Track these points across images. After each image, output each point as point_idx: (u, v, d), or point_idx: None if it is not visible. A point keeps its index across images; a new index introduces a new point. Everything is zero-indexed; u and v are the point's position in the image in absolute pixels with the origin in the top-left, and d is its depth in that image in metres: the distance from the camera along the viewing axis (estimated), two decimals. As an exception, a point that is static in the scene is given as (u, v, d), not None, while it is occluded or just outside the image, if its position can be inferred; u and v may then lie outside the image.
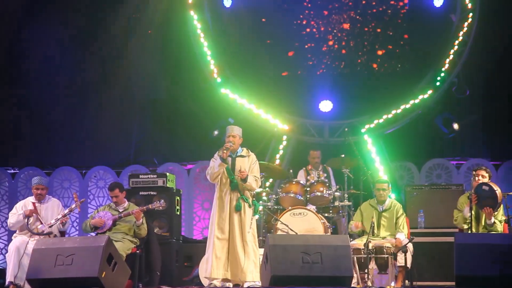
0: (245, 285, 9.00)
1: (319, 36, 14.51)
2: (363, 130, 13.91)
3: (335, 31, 14.48)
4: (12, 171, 14.40)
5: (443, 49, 13.91)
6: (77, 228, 13.76)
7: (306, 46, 14.55)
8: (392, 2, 14.39)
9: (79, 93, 14.65)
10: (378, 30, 14.41)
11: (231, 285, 9.12)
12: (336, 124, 14.20)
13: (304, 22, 14.53)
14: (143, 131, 14.95)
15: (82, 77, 14.65)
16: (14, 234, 10.14)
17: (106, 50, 14.62)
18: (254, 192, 9.47)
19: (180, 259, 11.42)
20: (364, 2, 14.42)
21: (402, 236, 9.88)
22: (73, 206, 10.12)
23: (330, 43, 14.48)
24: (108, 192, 10.28)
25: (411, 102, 13.88)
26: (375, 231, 9.93)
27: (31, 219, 9.94)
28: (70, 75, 14.61)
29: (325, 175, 11.50)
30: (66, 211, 10.08)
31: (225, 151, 9.19)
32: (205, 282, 9.65)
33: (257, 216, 9.45)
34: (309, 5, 14.52)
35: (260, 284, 8.85)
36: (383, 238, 9.93)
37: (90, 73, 14.66)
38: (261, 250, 9.40)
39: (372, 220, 9.80)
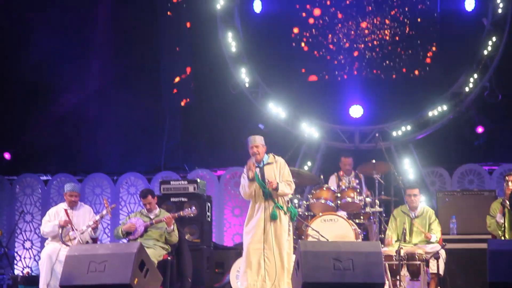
0: (280, 293, 8.97)
1: (349, 41, 14.46)
2: (394, 136, 13.84)
3: (365, 36, 14.42)
4: (45, 177, 14.53)
5: (475, 54, 13.79)
6: (109, 234, 13.84)
7: (336, 51, 14.51)
8: (423, 7, 14.30)
9: (110, 100, 14.75)
10: (409, 34, 14.33)
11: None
12: (367, 130, 14.13)
13: (335, 28, 14.49)
14: (174, 137, 15.01)
15: (113, 84, 14.76)
16: (46, 241, 10.20)
17: (136, 58, 14.70)
18: (288, 198, 9.41)
19: (211, 265, 11.44)
20: (395, 8, 14.35)
21: (434, 237, 9.81)
22: (104, 212, 10.17)
23: (361, 47, 14.43)
24: (140, 199, 10.32)
25: (442, 107, 13.77)
26: (407, 237, 9.87)
27: (65, 230, 10.00)
28: (101, 82, 14.72)
29: (357, 181, 11.44)
30: (97, 217, 10.13)
31: (250, 172, 9.15)
32: (236, 288, 9.66)
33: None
34: (340, 10, 14.48)
35: (291, 291, 8.82)
36: (415, 244, 9.86)
37: (120, 81, 14.76)
38: (292, 257, 9.39)
39: (404, 226, 9.74)
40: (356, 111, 14.27)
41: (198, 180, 11.65)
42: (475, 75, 13.71)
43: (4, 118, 14.57)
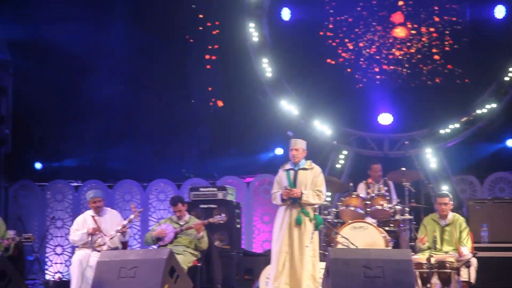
0: (304, 298, 8.98)
1: (379, 49, 14.44)
2: (423, 143, 13.78)
3: (396, 44, 14.39)
4: (75, 184, 14.65)
5: (506, 61, 13.69)
6: (139, 241, 13.91)
7: (366, 58, 14.49)
8: (452, 14, 14.24)
9: (140, 107, 14.85)
10: (439, 43, 14.28)
11: (291, 298, 9.10)
12: (396, 137, 14.10)
13: (364, 36, 14.48)
14: (203, 144, 15.07)
15: (142, 92, 14.85)
16: (77, 248, 10.28)
17: (165, 64, 14.79)
18: (316, 207, 9.43)
19: (241, 272, 11.46)
20: (425, 15, 14.30)
21: (466, 250, 9.75)
22: (132, 216, 10.24)
23: (390, 56, 14.39)
24: (171, 206, 10.36)
25: (473, 114, 13.70)
26: (438, 245, 9.80)
27: (94, 237, 10.07)
28: (131, 90, 14.82)
29: (386, 188, 11.40)
30: (126, 222, 10.20)
31: (285, 196, 9.18)
32: (266, 295, 9.67)
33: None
34: (370, 18, 14.47)
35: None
36: (446, 252, 9.80)
37: (150, 88, 14.85)
38: (322, 264, 9.38)
39: (434, 234, 9.68)
40: (385, 118, 14.24)
41: (228, 187, 11.69)
42: (506, 82, 13.60)
43: (35, 126, 14.73)
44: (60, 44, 14.38)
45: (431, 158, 13.68)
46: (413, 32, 14.36)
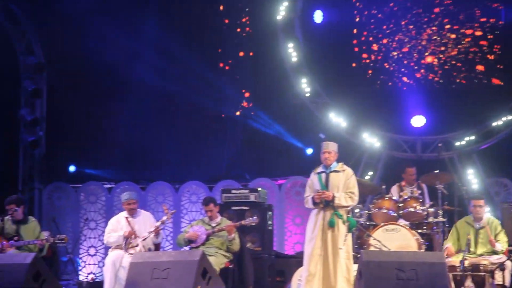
0: (338, 301, 8.95)
1: (411, 51, 14.36)
2: (457, 146, 13.67)
3: (428, 46, 14.31)
4: (109, 185, 14.75)
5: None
6: (171, 242, 13.97)
7: (398, 60, 14.42)
8: (486, 17, 14.12)
9: (173, 109, 14.91)
10: (472, 45, 14.16)
11: (324, 301, 9.08)
12: (429, 140, 14.02)
13: (397, 37, 14.41)
14: (235, 146, 15.10)
15: (176, 94, 14.92)
16: (110, 249, 10.34)
17: (198, 67, 14.84)
18: (349, 209, 9.40)
19: (273, 274, 11.46)
20: (458, 18, 14.19)
21: (499, 246, 9.65)
22: (164, 218, 10.26)
23: (424, 58, 14.31)
24: (203, 207, 10.39)
25: (507, 117, 13.56)
26: (472, 248, 9.71)
27: (128, 240, 10.12)
28: (163, 93, 14.90)
29: (419, 191, 11.33)
30: (158, 223, 10.23)
31: (317, 199, 9.17)
32: (298, 297, 9.66)
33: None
34: (402, 19, 14.39)
35: (353, 300, 8.79)
36: (480, 255, 9.71)
37: (183, 91, 14.91)
38: (355, 266, 9.34)
39: (468, 237, 9.60)
40: (418, 121, 14.16)
41: (259, 189, 11.69)
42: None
43: (69, 128, 14.86)
44: (94, 47, 14.51)
45: (464, 160, 13.57)
46: (447, 34, 14.25)
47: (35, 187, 14.75)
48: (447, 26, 14.25)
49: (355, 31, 14.61)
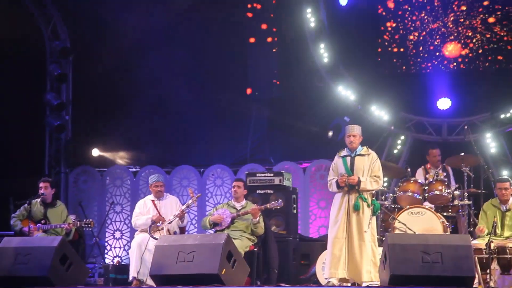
0: (363, 284, 8.94)
1: (437, 32, 14.24)
2: (483, 128, 13.57)
3: (454, 27, 14.17)
4: (134, 169, 14.83)
5: None
6: (196, 226, 14.03)
7: (423, 42, 14.31)
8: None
9: (197, 93, 14.93)
10: (499, 27, 14.00)
11: (349, 284, 9.08)
12: (455, 122, 13.93)
13: (423, 19, 14.28)
14: (259, 130, 15.10)
15: (199, 77, 14.94)
16: (136, 232, 10.41)
17: (223, 50, 14.84)
18: (373, 192, 9.38)
19: (297, 257, 11.46)
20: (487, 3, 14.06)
21: None
22: (190, 201, 10.28)
23: (449, 40, 14.18)
24: (234, 182, 10.40)
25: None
26: (498, 231, 9.65)
27: (154, 225, 10.17)
28: (188, 75, 14.91)
29: (444, 174, 11.25)
30: (184, 207, 10.26)
31: (342, 183, 9.15)
32: (323, 280, 9.66)
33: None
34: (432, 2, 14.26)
35: (378, 283, 8.77)
36: (506, 238, 9.65)
37: (206, 74, 14.93)
38: (379, 249, 9.33)
39: (495, 219, 9.54)
40: (444, 103, 14.05)
41: (284, 173, 11.69)
42: None
43: (95, 112, 14.95)
44: (119, 32, 14.54)
45: (491, 142, 13.49)
46: (473, 15, 14.09)
47: (61, 171, 14.87)
48: (473, 9, 14.08)
49: (381, 10, 14.49)
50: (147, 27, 14.69)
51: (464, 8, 14.12)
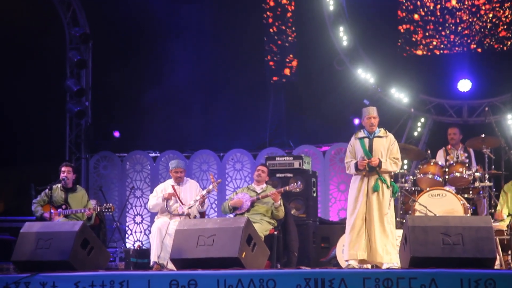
0: (383, 266, 8.93)
1: (457, 14, 14.12)
2: (504, 109, 13.47)
3: (475, 8, 14.04)
4: (154, 154, 14.87)
5: None
6: (216, 210, 14.06)
7: (443, 23, 14.20)
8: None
9: (216, 78, 14.94)
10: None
11: (369, 266, 9.07)
12: (476, 104, 13.84)
13: (443, 2, 14.17)
14: (278, 114, 15.08)
15: (219, 62, 14.94)
16: (156, 216, 10.44)
17: (240, 34, 14.82)
18: (393, 173, 9.35)
19: (317, 240, 11.47)
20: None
21: None
22: (211, 187, 10.28)
23: (470, 20, 14.05)
24: (259, 166, 10.41)
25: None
26: (519, 212, 9.61)
27: (170, 202, 10.20)
28: (207, 61, 14.91)
29: (466, 155, 11.19)
30: (204, 192, 10.26)
31: (362, 166, 9.12)
32: (343, 263, 9.65)
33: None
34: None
35: (398, 265, 8.76)
36: (528, 219, 9.61)
37: (225, 58, 14.92)
38: (399, 232, 9.31)
39: (515, 200, 9.50)
40: (464, 85, 13.94)
41: (304, 156, 11.67)
42: None
43: (114, 96, 14.99)
44: (139, 16, 14.56)
45: (512, 124, 13.40)
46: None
47: (82, 157, 14.96)
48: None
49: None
50: (166, 12, 14.69)
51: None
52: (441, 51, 14.31)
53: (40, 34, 14.14)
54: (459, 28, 14.14)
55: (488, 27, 14.02)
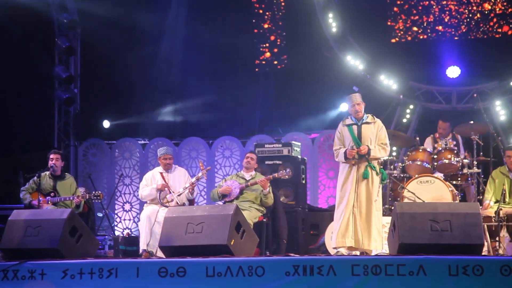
0: (372, 253, 8.96)
1: (447, 2, 14.12)
2: (493, 96, 13.49)
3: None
4: (142, 141, 14.84)
5: None
6: (205, 197, 14.06)
7: (432, 11, 14.20)
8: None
9: (205, 64, 14.91)
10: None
11: (357, 253, 9.09)
12: (464, 90, 13.87)
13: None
14: (268, 101, 15.07)
15: (208, 49, 14.90)
16: (146, 204, 10.44)
17: (230, 22, 14.78)
18: (382, 160, 9.36)
19: (306, 227, 11.49)
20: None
21: None
22: (200, 174, 10.28)
23: (458, 7, 14.06)
24: (248, 154, 10.44)
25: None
26: (507, 198, 9.63)
27: (163, 193, 10.20)
28: (196, 47, 14.87)
29: (454, 142, 11.20)
30: (193, 179, 10.26)
31: (350, 155, 9.11)
32: (332, 250, 9.67)
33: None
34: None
35: (387, 252, 8.78)
36: (515, 205, 9.63)
37: (215, 45, 14.87)
38: (387, 219, 9.34)
39: (503, 187, 9.52)
40: (453, 71, 13.97)
41: (293, 143, 11.67)
42: None
43: (103, 85, 14.94)
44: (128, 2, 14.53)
45: (500, 110, 13.45)
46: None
47: (71, 144, 14.91)
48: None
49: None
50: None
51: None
52: (430, 38, 14.32)
53: (28, 20, 14.04)
54: (448, 16, 14.15)
55: (477, 15, 14.02)
